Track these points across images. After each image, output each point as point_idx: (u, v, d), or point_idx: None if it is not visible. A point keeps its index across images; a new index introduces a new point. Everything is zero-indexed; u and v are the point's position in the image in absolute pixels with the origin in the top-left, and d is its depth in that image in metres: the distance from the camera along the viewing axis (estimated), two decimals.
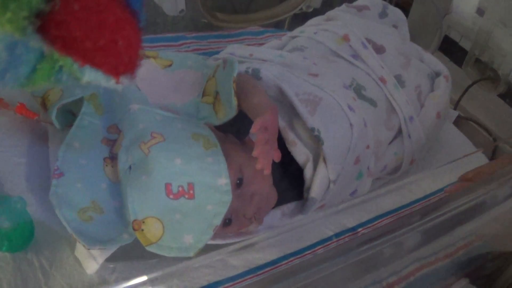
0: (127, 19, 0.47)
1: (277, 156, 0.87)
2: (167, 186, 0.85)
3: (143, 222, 0.84)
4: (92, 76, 0.46)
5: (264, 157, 0.84)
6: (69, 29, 0.43)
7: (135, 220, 0.84)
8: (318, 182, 0.99)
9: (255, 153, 0.83)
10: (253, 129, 0.85)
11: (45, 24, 0.43)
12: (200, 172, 0.87)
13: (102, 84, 0.47)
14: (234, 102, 0.94)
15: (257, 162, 0.83)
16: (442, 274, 1.06)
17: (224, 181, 0.87)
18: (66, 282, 0.86)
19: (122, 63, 0.47)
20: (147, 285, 0.51)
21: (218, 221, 0.85)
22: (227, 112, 0.96)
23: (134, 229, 0.84)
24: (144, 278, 0.51)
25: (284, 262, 0.91)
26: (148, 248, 0.84)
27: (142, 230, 0.84)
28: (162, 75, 1.09)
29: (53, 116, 0.98)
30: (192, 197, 0.85)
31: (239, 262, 0.91)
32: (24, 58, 0.44)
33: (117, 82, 0.47)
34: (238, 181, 0.91)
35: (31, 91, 1.04)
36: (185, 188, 0.85)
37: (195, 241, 0.84)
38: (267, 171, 0.84)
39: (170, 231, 0.84)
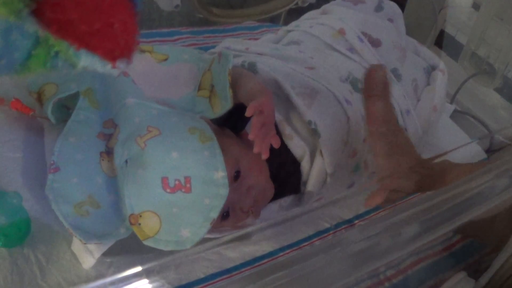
0: (123, 3, 0.47)
1: (275, 141, 0.87)
2: (164, 180, 0.85)
3: (140, 216, 0.83)
4: (88, 61, 0.46)
5: (261, 140, 0.84)
6: (64, 11, 0.43)
7: (132, 215, 0.84)
8: (315, 175, 0.99)
9: (251, 136, 0.83)
10: (247, 113, 0.85)
11: (40, 7, 0.43)
12: (196, 165, 0.86)
13: (98, 69, 0.47)
14: (229, 94, 0.94)
15: (254, 146, 0.83)
16: (440, 267, 1.06)
17: (221, 174, 0.86)
18: (63, 277, 0.86)
19: (118, 47, 0.47)
20: (142, 276, 0.51)
21: (215, 214, 0.85)
22: (222, 105, 0.96)
23: (131, 224, 0.84)
24: (139, 268, 0.50)
25: (280, 254, 0.91)
26: (145, 242, 0.83)
27: (139, 224, 0.83)
28: (158, 69, 1.09)
29: (49, 111, 0.97)
30: (189, 190, 0.85)
31: (236, 254, 0.91)
32: (19, 44, 0.44)
33: (113, 67, 0.47)
34: (235, 174, 0.91)
35: (25, 85, 1.04)
36: (181, 182, 0.85)
37: (192, 234, 0.84)
38: (265, 155, 0.84)
39: (167, 225, 0.84)
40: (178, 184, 0.84)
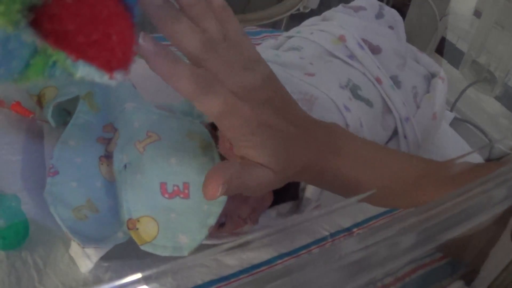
0: (121, 14, 0.47)
1: None
2: (162, 185, 0.85)
3: (138, 221, 0.83)
4: (85, 71, 0.46)
5: None
6: (62, 22, 0.43)
7: (129, 219, 0.83)
8: None
9: None
10: None
11: (38, 18, 0.43)
12: (195, 171, 0.86)
13: (95, 79, 0.47)
14: None
15: None
16: (438, 275, 1.06)
17: None
18: (60, 281, 0.86)
19: (115, 58, 0.47)
20: (141, 283, 0.51)
21: (213, 221, 0.85)
22: None
23: (128, 228, 0.83)
24: (138, 275, 0.50)
25: (279, 262, 0.91)
26: (143, 247, 0.83)
27: (137, 229, 0.83)
28: None
29: (49, 114, 0.97)
30: (187, 196, 0.85)
31: (234, 262, 0.91)
32: (17, 53, 0.44)
33: (111, 78, 0.47)
34: None
35: (26, 89, 1.04)
36: (180, 188, 0.85)
37: (190, 240, 0.84)
38: None
39: (165, 230, 0.83)
40: (177, 190, 0.84)
